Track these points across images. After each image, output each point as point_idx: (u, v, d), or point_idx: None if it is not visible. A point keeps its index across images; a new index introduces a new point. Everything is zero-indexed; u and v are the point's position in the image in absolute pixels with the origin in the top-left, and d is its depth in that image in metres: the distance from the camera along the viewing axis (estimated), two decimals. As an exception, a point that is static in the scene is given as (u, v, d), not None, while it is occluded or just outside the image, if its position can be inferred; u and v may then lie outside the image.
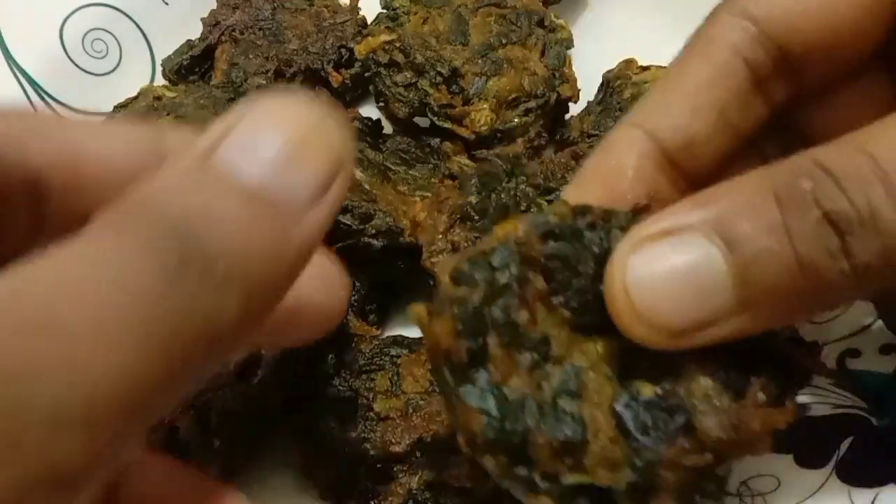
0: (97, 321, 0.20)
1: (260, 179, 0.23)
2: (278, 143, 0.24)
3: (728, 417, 0.28)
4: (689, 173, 0.33)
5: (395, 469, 0.40)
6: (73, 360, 0.19)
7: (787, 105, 0.34)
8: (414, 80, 0.51)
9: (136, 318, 0.20)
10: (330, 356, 0.42)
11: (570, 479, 0.27)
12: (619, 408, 0.28)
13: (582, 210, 0.29)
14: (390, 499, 0.40)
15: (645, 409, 0.28)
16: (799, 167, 0.27)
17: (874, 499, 0.35)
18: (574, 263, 0.28)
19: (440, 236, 0.42)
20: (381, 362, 0.43)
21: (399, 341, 0.44)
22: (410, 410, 0.41)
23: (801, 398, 0.41)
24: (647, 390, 0.28)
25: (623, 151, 0.33)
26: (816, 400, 0.41)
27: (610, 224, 0.29)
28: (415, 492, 0.40)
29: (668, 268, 0.27)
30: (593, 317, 0.28)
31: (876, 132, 0.28)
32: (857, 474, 0.37)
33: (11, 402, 0.18)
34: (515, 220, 0.28)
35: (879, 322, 0.42)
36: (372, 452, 0.40)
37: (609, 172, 0.33)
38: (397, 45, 0.52)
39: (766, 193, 0.27)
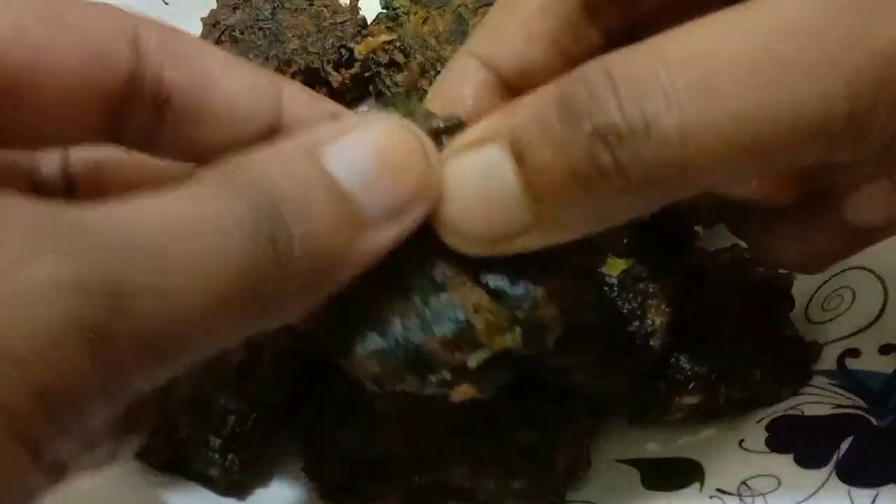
0: (192, 266, 0.22)
1: (351, 184, 0.26)
2: (377, 158, 0.27)
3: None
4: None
5: (395, 469, 0.40)
6: (165, 296, 0.22)
7: (622, 32, 0.34)
8: (414, 80, 0.51)
9: (222, 274, 0.23)
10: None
11: (473, 361, 0.29)
12: (484, 279, 0.29)
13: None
14: (390, 499, 0.40)
15: (505, 268, 0.29)
16: (585, 74, 0.26)
17: (874, 499, 0.36)
18: None
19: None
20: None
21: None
22: (410, 411, 0.41)
23: (801, 398, 0.41)
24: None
25: (461, 80, 0.34)
26: (816, 400, 0.41)
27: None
28: (415, 492, 0.40)
29: (465, 178, 0.28)
30: None
31: (675, 35, 0.26)
32: (857, 474, 0.37)
33: (106, 314, 0.21)
34: None
35: (879, 322, 0.42)
36: (372, 452, 0.40)
37: (449, 102, 0.33)
38: (397, 45, 0.52)
39: (552, 103, 0.27)
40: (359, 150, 0.27)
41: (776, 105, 0.25)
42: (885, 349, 0.41)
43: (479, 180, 0.28)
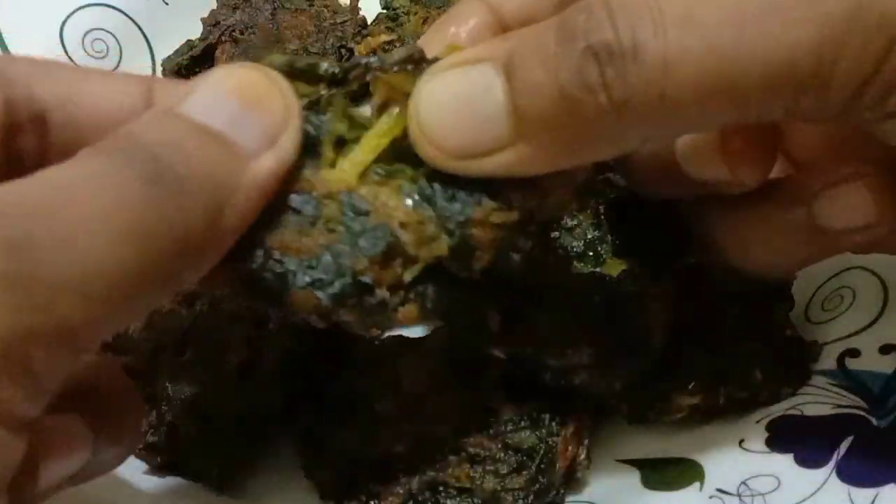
0: (88, 216, 0.24)
1: (220, 125, 0.28)
2: (236, 97, 0.29)
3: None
4: None
5: (395, 469, 0.40)
6: (71, 243, 0.23)
7: None
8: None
9: (120, 218, 0.24)
10: (330, 357, 0.42)
11: (408, 275, 0.30)
12: (416, 192, 0.30)
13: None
14: (390, 499, 0.40)
15: (449, 183, 0.30)
16: (587, 2, 0.27)
17: (874, 499, 0.35)
18: None
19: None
20: (381, 362, 0.43)
21: (399, 341, 0.44)
22: (410, 410, 0.41)
23: (801, 398, 0.41)
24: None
25: (462, 20, 0.35)
26: (816, 400, 0.41)
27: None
28: (415, 492, 0.40)
29: (452, 93, 0.29)
30: None
31: None
32: (857, 474, 0.37)
33: (21, 265, 0.23)
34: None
35: (879, 322, 0.42)
36: (372, 452, 0.40)
37: (445, 39, 0.35)
38: (397, 45, 0.52)
39: (551, 27, 0.28)
40: (216, 95, 0.29)
41: (750, 43, 0.26)
42: (885, 349, 0.41)
43: (464, 94, 0.29)
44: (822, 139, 0.37)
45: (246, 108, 0.29)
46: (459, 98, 0.29)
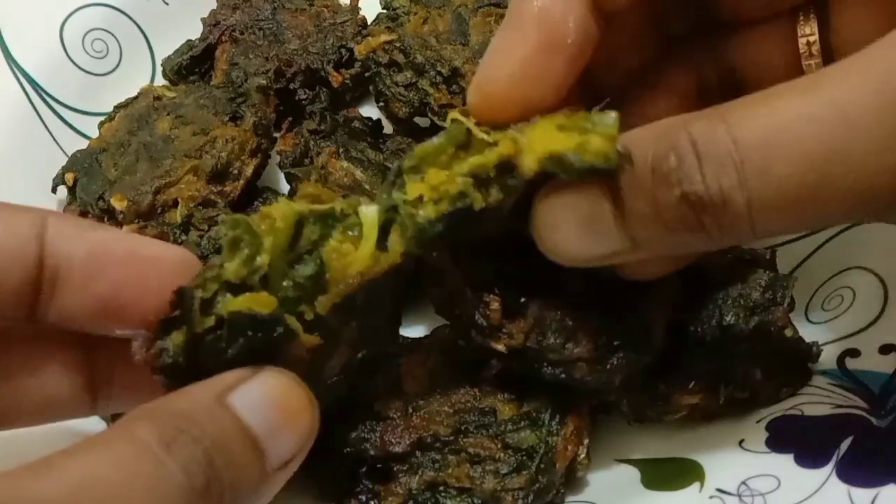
0: None
1: (261, 430, 0.29)
2: (277, 410, 0.30)
3: None
4: (608, 13, 0.36)
5: (395, 469, 0.40)
6: None
7: None
8: (414, 80, 0.51)
9: None
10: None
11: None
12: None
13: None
14: (390, 499, 0.40)
15: None
16: (671, 139, 0.30)
17: (874, 499, 0.35)
18: None
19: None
20: (381, 362, 0.43)
21: (399, 341, 0.44)
22: (410, 410, 0.41)
23: (801, 398, 0.41)
24: None
25: None
26: (816, 400, 0.41)
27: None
28: (415, 492, 0.40)
29: (564, 217, 0.33)
30: None
31: (744, 108, 0.30)
32: (857, 474, 0.37)
33: None
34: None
35: (879, 322, 0.42)
36: (372, 452, 0.40)
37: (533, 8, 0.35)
38: (397, 45, 0.52)
39: (645, 160, 0.31)
40: (262, 396, 0.30)
41: (834, 179, 0.28)
42: (885, 349, 0.41)
43: (580, 217, 0.33)
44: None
45: (283, 422, 0.30)
46: (578, 221, 0.33)
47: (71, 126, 0.57)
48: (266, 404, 0.30)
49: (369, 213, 0.33)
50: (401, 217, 0.33)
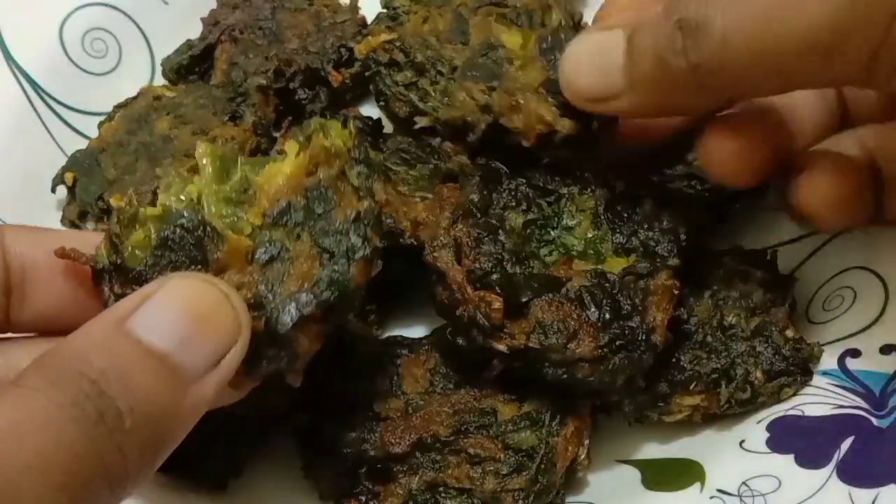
0: (27, 461, 0.24)
1: (166, 347, 0.28)
2: (184, 318, 0.29)
3: None
4: None
5: (395, 469, 0.40)
6: (6, 494, 0.24)
7: None
8: (414, 80, 0.51)
9: (58, 461, 0.25)
10: (330, 357, 0.42)
11: None
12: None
13: None
14: (390, 499, 0.40)
15: None
16: None
17: (874, 499, 0.35)
18: None
19: (443, 232, 0.42)
20: (381, 362, 0.42)
21: (399, 341, 0.44)
22: (410, 410, 0.41)
23: (802, 398, 0.41)
24: None
25: None
26: (817, 400, 0.41)
27: None
28: (415, 492, 0.40)
29: (590, 49, 0.38)
30: None
31: None
32: (857, 474, 0.37)
33: None
34: None
35: (880, 322, 0.42)
36: (372, 452, 0.40)
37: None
38: (397, 44, 0.52)
39: (663, 6, 0.35)
40: (165, 312, 0.29)
41: (786, 20, 0.32)
42: (886, 349, 0.41)
43: (596, 50, 0.37)
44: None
45: (194, 328, 0.29)
46: (591, 52, 0.38)
47: (70, 126, 0.57)
48: (170, 317, 0.29)
49: (290, 143, 0.36)
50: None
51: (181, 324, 0.29)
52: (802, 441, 0.39)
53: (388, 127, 0.54)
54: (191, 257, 0.32)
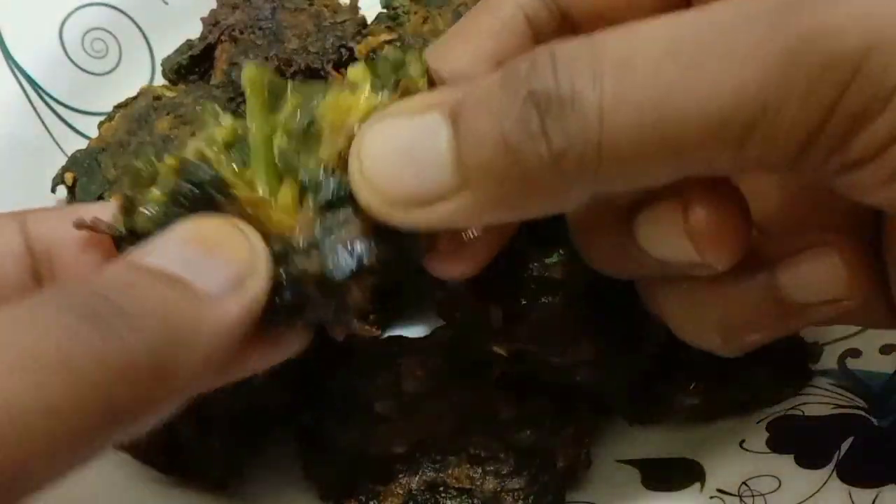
0: (25, 363, 0.22)
1: (178, 269, 0.26)
2: (196, 242, 0.27)
3: None
4: None
5: (395, 469, 0.40)
6: (5, 391, 0.21)
7: None
8: (414, 80, 0.51)
9: (43, 359, 0.22)
10: (330, 357, 0.42)
11: None
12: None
13: None
14: (390, 499, 0.40)
15: None
16: (532, 53, 0.26)
17: (874, 499, 0.35)
18: None
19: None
20: (382, 362, 0.43)
21: (399, 341, 0.44)
22: (411, 410, 0.41)
23: (802, 398, 0.41)
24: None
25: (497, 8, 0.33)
26: (817, 400, 0.41)
27: None
28: (415, 492, 0.40)
29: (398, 139, 0.28)
30: None
31: (621, 29, 0.26)
32: (857, 474, 0.37)
33: None
34: None
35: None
36: (372, 452, 0.40)
37: (480, 29, 0.33)
38: (397, 44, 0.52)
39: (497, 77, 0.26)
40: (175, 242, 0.27)
41: (688, 88, 0.24)
42: (886, 349, 0.41)
43: (410, 141, 0.27)
44: (782, 201, 0.34)
45: (207, 253, 0.27)
46: (405, 145, 0.27)
47: (70, 126, 0.57)
48: (175, 244, 0.27)
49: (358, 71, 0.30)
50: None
51: (188, 247, 0.27)
52: (802, 441, 0.39)
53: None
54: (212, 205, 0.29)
